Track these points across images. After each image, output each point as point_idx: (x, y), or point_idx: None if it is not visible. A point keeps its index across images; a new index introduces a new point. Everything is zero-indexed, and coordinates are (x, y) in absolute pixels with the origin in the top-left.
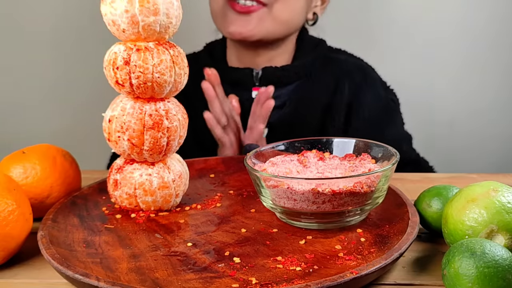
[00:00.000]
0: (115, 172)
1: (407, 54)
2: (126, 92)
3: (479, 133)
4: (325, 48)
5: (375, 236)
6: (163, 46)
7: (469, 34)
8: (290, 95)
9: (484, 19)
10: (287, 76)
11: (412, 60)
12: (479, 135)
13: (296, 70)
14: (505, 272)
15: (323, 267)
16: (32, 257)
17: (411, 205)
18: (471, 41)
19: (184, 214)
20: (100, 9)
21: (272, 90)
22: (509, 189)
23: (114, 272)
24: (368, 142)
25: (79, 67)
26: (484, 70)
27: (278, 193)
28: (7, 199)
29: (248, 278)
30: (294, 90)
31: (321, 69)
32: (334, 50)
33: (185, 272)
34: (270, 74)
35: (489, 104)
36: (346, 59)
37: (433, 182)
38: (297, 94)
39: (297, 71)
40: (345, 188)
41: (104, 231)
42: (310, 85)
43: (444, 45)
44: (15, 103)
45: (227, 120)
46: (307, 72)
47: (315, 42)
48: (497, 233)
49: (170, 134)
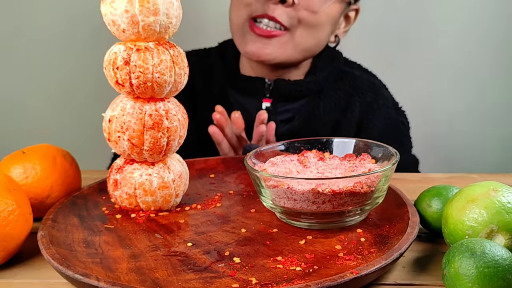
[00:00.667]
0: (115, 172)
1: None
2: (126, 92)
3: (479, 133)
4: (341, 62)
5: (375, 236)
6: (163, 46)
7: (469, 33)
8: (300, 109)
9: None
10: (299, 91)
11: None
12: (479, 135)
13: (309, 86)
14: (505, 272)
15: (323, 267)
16: (32, 257)
17: (411, 205)
18: (471, 40)
19: (184, 214)
20: (100, 9)
21: (265, 117)
22: (509, 189)
23: (114, 272)
24: (368, 142)
25: (79, 67)
26: (484, 69)
27: (278, 193)
28: (7, 199)
29: (248, 278)
30: (304, 105)
31: (333, 84)
32: (349, 64)
33: (185, 272)
34: (282, 88)
35: (489, 104)
36: (360, 76)
37: (433, 182)
38: (306, 109)
39: (310, 86)
40: (345, 188)
41: (104, 231)
42: (320, 101)
43: (444, 44)
44: (15, 103)
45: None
46: (320, 88)
47: (331, 56)
48: (497, 233)
49: (170, 134)
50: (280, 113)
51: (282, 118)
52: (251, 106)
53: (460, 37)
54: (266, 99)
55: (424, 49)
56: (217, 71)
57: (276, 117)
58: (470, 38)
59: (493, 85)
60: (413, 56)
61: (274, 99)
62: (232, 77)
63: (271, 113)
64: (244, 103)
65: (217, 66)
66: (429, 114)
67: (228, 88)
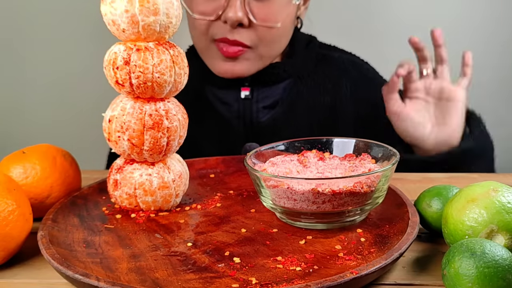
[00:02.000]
0: (115, 172)
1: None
2: (126, 92)
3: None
4: (316, 46)
5: (375, 236)
6: (163, 46)
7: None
8: (281, 95)
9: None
10: (277, 74)
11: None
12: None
13: (286, 68)
14: (505, 272)
15: (323, 267)
16: (32, 257)
17: (411, 205)
18: (471, 40)
19: (184, 214)
20: (100, 9)
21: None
22: (509, 189)
23: (114, 272)
24: (368, 142)
25: (79, 67)
26: (484, 69)
27: (278, 193)
28: (7, 199)
29: (248, 278)
30: (286, 90)
31: (315, 68)
32: (325, 47)
33: (185, 272)
34: (260, 73)
35: (489, 104)
36: (340, 56)
37: (433, 182)
38: (289, 95)
39: (287, 69)
40: (345, 188)
41: (104, 231)
42: (304, 86)
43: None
44: (15, 103)
45: None
46: (299, 72)
47: (306, 40)
48: (497, 233)
49: (170, 134)
50: (262, 100)
51: (264, 104)
52: (231, 97)
53: (461, 37)
54: (244, 87)
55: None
56: (192, 72)
57: (258, 105)
58: (471, 38)
59: (494, 86)
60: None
61: (252, 86)
62: (207, 73)
63: (252, 101)
64: (223, 97)
65: (192, 67)
66: None
67: (205, 85)
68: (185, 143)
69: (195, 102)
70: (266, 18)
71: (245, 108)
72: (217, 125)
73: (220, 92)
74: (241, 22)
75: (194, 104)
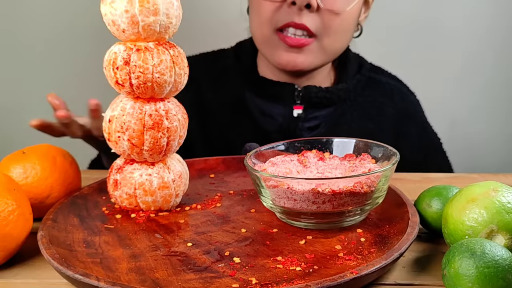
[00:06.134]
0: (115, 172)
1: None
2: (126, 92)
3: (479, 133)
4: (367, 70)
5: (375, 236)
6: (163, 46)
7: (472, 33)
8: (326, 116)
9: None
10: (330, 98)
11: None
12: (479, 135)
13: (339, 94)
14: (505, 272)
15: (323, 267)
16: (32, 257)
17: (411, 205)
18: (472, 40)
19: (184, 214)
20: (100, 9)
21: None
22: (509, 189)
23: (114, 272)
24: (368, 142)
25: (79, 67)
26: (484, 69)
27: (278, 193)
28: (7, 199)
29: (248, 278)
30: (331, 112)
31: (361, 91)
32: (374, 69)
33: (185, 272)
34: (314, 94)
35: (489, 104)
36: (387, 82)
37: (433, 182)
38: (333, 117)
39: (340, 94)
40: (345, 188)
41: (104, 231)
42: (348, 108)
43: (444, 44)
44: (15, 103)
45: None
46: (348, 95)
47: (358, 62)
48: (497, 233)
49: (170, 134)
50: (309, 120)
51: (309, 125)
52: (278, 112)
53: (462, 37)
54: (297, 105)
55: (425, 49)
56: (232, 74)
57: (303, 124)
58: (473, 38)
59: (495, 86)
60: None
61: (305, 106)
62: (251, 81)
63: (301, 120)
64: (267, 109)
65: (232, 69)
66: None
67: (246, 92)
68: (220, 141)
69: (233, 108)
70: (334, 3)
71: (289, 125)
72: (254, 134)
73: (264, 104)
74: (309, 4)
75: (233, 108)
